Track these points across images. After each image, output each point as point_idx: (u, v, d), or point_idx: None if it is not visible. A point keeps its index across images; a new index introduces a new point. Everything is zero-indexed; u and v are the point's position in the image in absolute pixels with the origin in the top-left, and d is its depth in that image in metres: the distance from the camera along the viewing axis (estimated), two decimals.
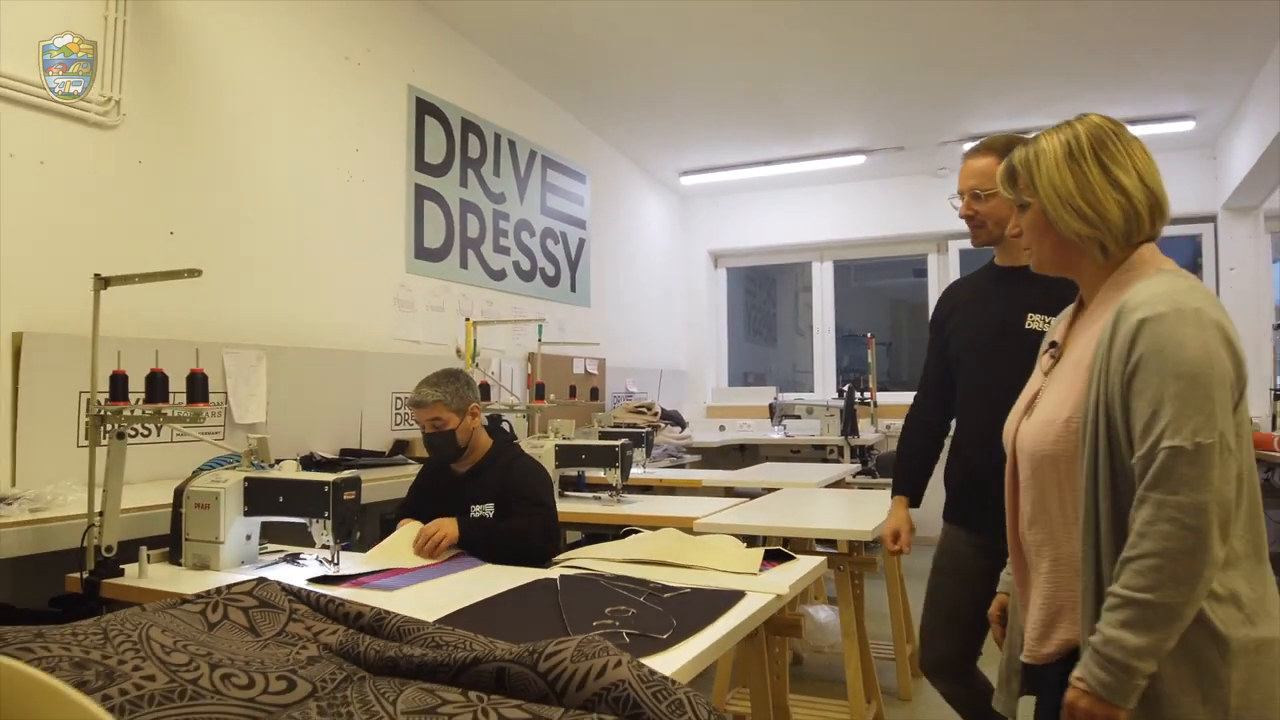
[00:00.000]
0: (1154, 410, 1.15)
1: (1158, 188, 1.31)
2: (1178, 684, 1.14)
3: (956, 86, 5.47)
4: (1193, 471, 1.11)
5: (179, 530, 2.28)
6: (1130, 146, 1.31)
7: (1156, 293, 1.21)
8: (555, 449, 3.52)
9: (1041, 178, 1.34)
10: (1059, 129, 1.36)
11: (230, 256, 3.54)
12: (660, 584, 1.91)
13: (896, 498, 2.35)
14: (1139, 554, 1.14)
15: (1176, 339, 1.16)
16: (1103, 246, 1.31)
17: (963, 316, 2.19)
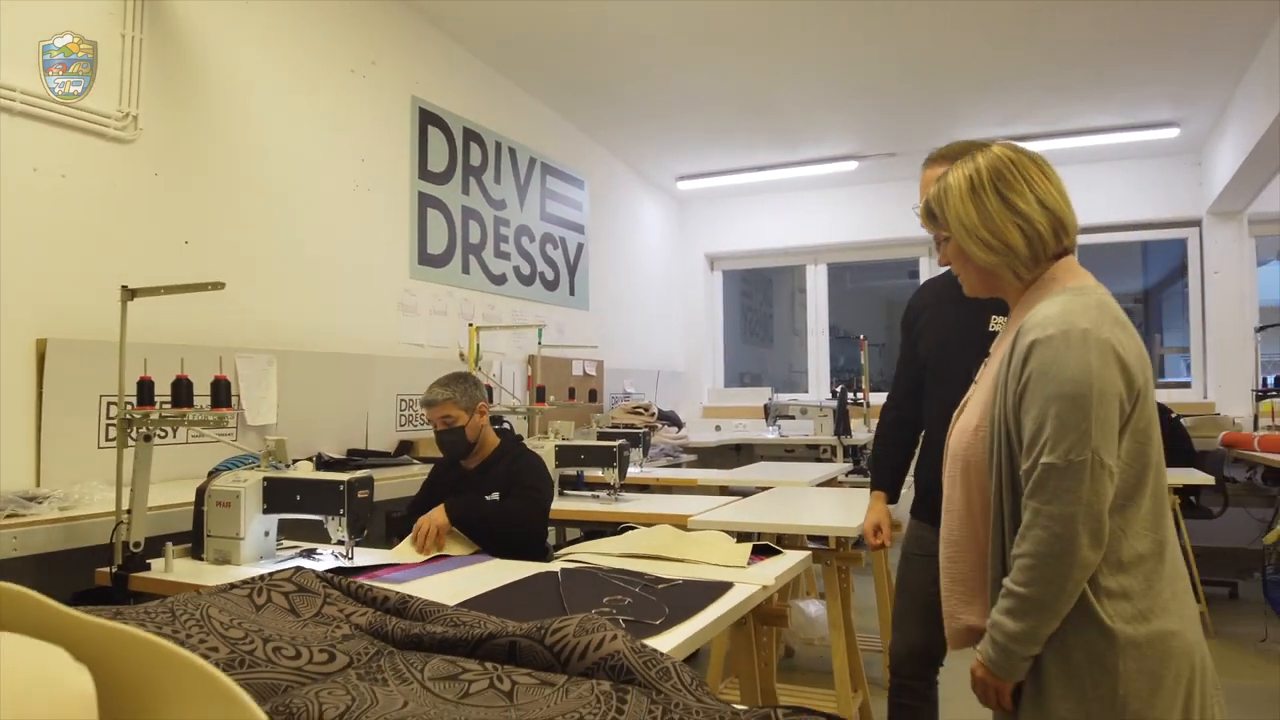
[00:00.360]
0: (1037, 427, 1.28)
1: (1058, 207, 1.40)
2: (1070, 670, 1.28)
3: (945, 95, 5.61)
4: (1064, 485, 1.24)
5: (201, 527, 2.41)
6: (1027, 172, 1.41)
7: (1050, 314, 1.32)
8: (555, 449, 3.66)
9: (950, 212, 1.45)
10: (964, 163, 1.47)
11: (242, 264, 3.67)
12: (654, 576, 2.05)
13: (875, 493, 2.43)
14: (1019, 553, 1.28)
15: (1059, 361, 1.27)
16: (1013, 270, 1.42)
17: (930, 318, 2.25)
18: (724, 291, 8.28)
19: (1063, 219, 1.41)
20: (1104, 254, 7.05)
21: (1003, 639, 1.30)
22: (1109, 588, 1.26)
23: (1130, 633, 1.25)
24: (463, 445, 2.78)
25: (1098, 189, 6.60)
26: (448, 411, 2.74)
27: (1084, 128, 5.93)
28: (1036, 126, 5.98)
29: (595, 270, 6.48)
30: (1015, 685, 1.33)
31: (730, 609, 1.82)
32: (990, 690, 1.34)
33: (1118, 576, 1.27)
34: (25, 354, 2.92)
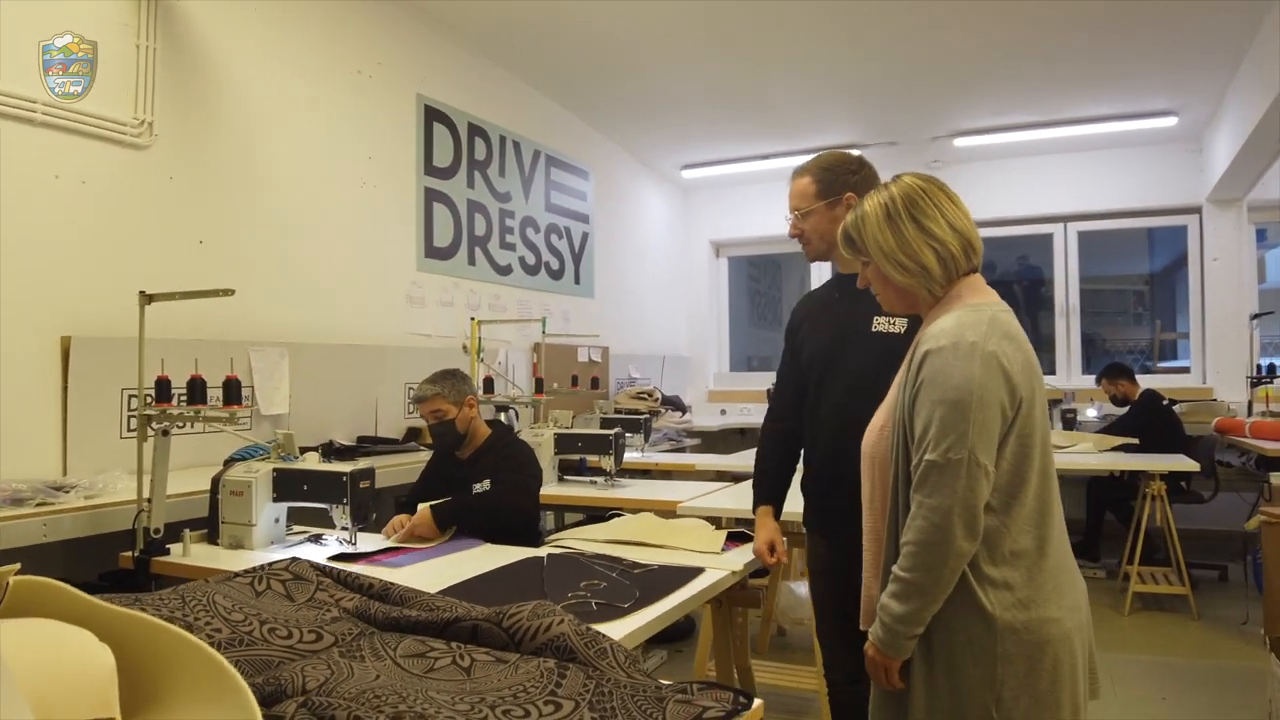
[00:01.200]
0: (924, 428, 1.42)
1: (966, 230, 1.54)
2: (954, 650, 1.42)
3: (944, 85, 5.69)
4: (943, 480, 1.38)
5: (216, 514, 2.59)
6: (937, 199, 1.54)
7: (945, 328, 1.46)
8: (554, 437, 3.82)
9: (869, 238, 1.58)
10: (878, 192, 1.60)
11: (254, 262, 3.84)
12: (633, 561, 2.21)
13: (761, 509, 2.30)
14: (905, 541, 1.43)
15: (946, 370, 1.41)
16: (927, 289, 1.56)
17: (811, 326, 2.22)
18: (731, 276, 8.40)
19: (971, 240, 1.54)
20: (1111, 239, 7.13)
21: (889, 620, 1.44)
22: (992, 577, 1.41)
23: (1009, 619, 1.39)
24: (453, 437, 2.95)
25: (1098, 177, 6.67)
26: (437, 406, 2.92)
27: (1081, 117, 5.99)
28: (1034, 115, 6.05)
29: (600, 259, 6.62)
30: (904, 664, 1.47)
31: (697, 593, 1.98)
32: (880, 668, 1.49)
33: (1000, 568, 1.41)
34: (51, 351, 3.10)
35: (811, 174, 2.18)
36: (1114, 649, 4.05)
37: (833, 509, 2.10)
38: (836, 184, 2.15)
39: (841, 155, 2.21)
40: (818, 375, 2.15)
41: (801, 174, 2.20)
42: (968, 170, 7.05)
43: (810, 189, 2.17)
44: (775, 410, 2.34)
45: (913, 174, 1.60)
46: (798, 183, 2.20)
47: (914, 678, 1.46)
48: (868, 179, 2.15)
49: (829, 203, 2.14)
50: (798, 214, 2.20)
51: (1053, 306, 7.04)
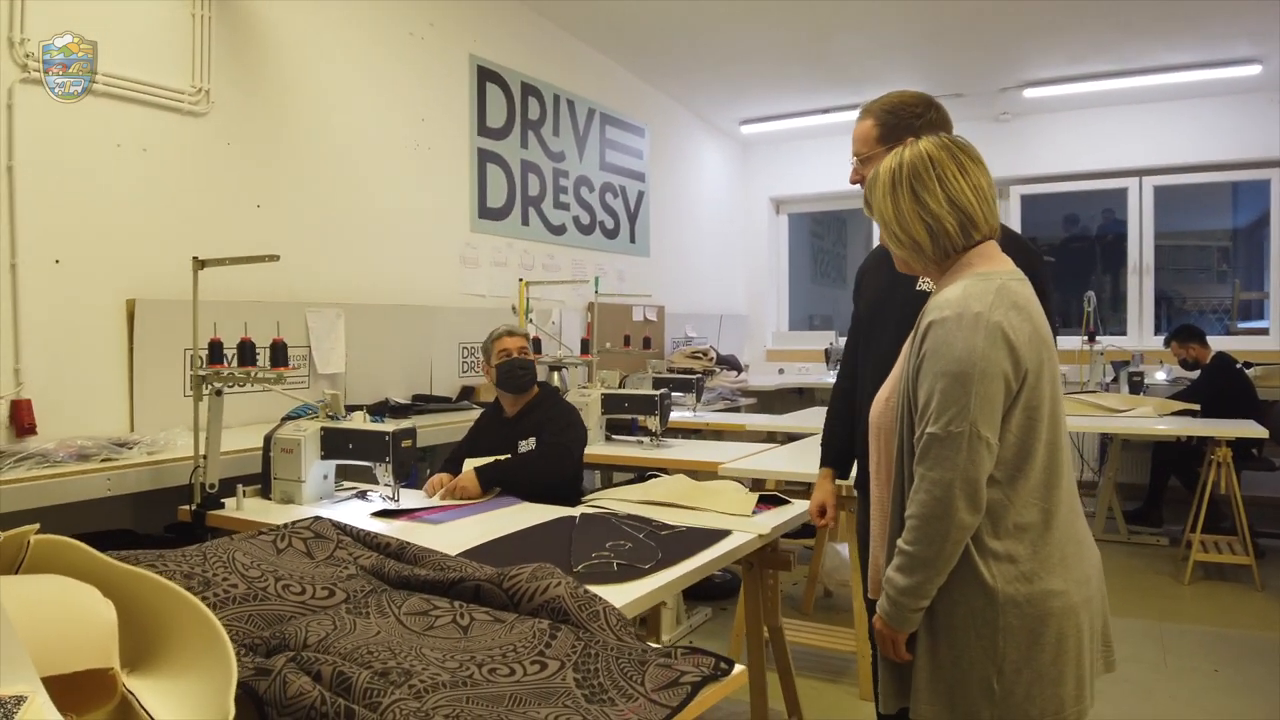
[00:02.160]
0: (926, 400, 1.41)
1: (968, 205, 1.47)
2: (956, 624, 1.41)
3: (1011, 34, 5.48)
4: (944, 453, 1.37)
5: (269, 470, 2.71)
6: (944, 170, 1.48)
7: (950, 298, 1.44)
8: (601, 397, 3.87)
9: (875, 203, 1.56)
10: (895, 154, 1.56)
11: (310, 225, 3.94)
12: (662, 523, 2.24)
13: (822, 470, 2.28)
14: (908, 514, 1.42)
15: (948, 341, 1.39)
16: (920, 263, 1.54)
17: (869, 281, 2.18)
18: (792, 233, 8.29)
19: (972, 216, 1.48)
20: (1193, 192, 6.83)
21: (894, 593, 1.44)
22: (995, 550, 1.39)
23: (1011, 592, 1.38)
24: (530, 377, 3.10)
25: (1175, 129, 6.38)
26: (525, 344, 3.11)
27: (1158, 65, 5.72)
28: (1106, 65, 5.79)
29: (656, 217, 6.61)
30: (910, 636, 1.47)
31: (720, 555, 2.01)
32: (887, 641, 1.49)
33: (1004, 541, 1.40)
34: (117, 313, 3.25)
35: (874, 116, 2.05)
36: (1170, 618, 3.96)
37: None
38: (900, 127, 2.00)
39: (908, 96, 2.06)
40: (864, 333, 2.13)
41: (865, 116, 2.08)
42: (1037, 123, 6.81)
43: (872, 132, 2.04)
44: (844, 367, 2.30)
45: (933, 139, 1.55)
46: (860, 125, 2.08)
47: (918, 649, 1.47)
48: (935, 122, 2.02)
49: (890, 146, 1.97)
50: (859, 159, 2.08)
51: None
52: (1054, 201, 7.37)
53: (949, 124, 2.07)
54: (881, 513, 1.61)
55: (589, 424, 3.81)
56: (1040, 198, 7.18)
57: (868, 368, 2.08)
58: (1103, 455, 5.61)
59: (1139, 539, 5.17)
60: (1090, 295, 5.89)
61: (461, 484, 2.71)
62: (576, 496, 2.85)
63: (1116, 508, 5.18)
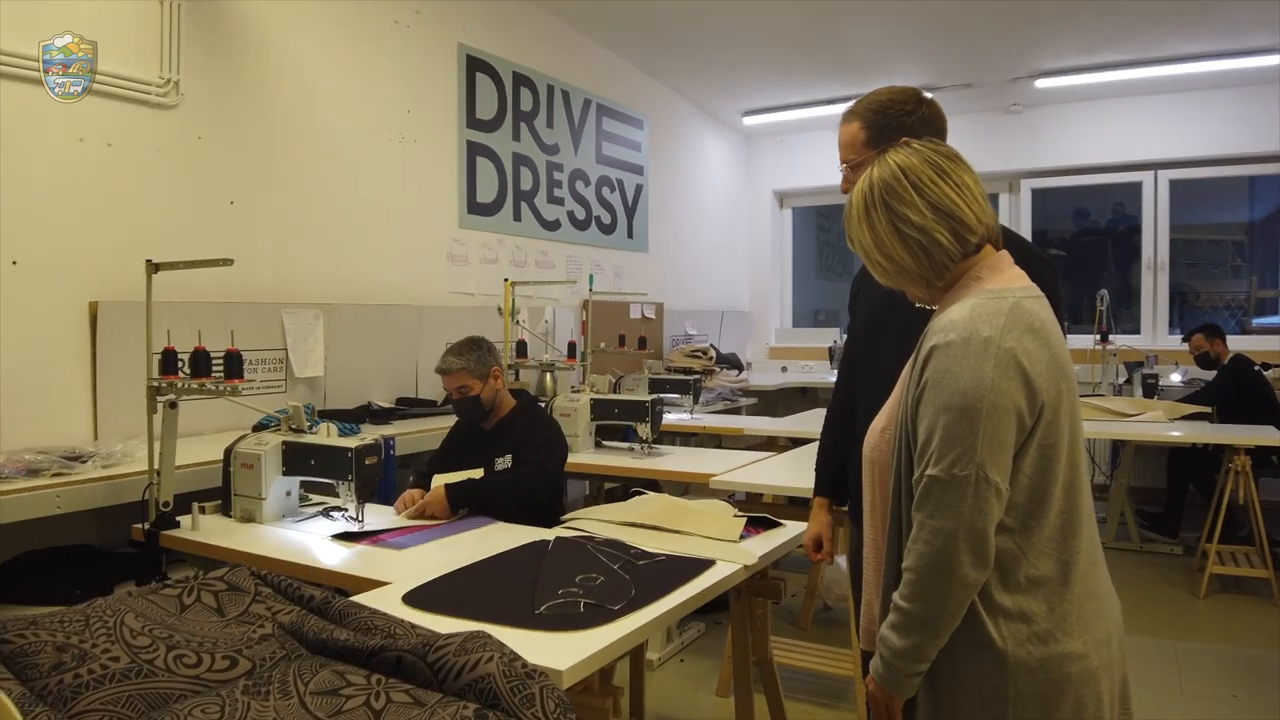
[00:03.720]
0: (927, 437, 1.22)
1: (953, 208, 1.29)
2: (961, 690, 1.24)
3: (1023, 23, 5.27)
4: (946, 499, 1.19)
5: (230, 486, 2.55)
6: (919, 178, 1.30)
7: (955, 319, 1.24)
8: (590, 403, 3.70)
9: (853, 233, 1.37)
10: (867, 173, 1.36)
11: (288, 222, 3.78)
12: (640, 550, 2.07)
13: (816, 499, 2.10)
14: (906, 566, 1.24)
15: (953, 370, 1.21)
16: (921, 282, 1.34)
17: (865, 291, 1.99)
18: (796, 226, 8.10)
19: (961, 219, 1.30)
20: (1208, 185, 6.61)
21: (889, 654, 1.27)
22: (1005, 608, 1.22)
23: (1023, 655, 1.21)
24: (477, 412, 2.85)
25: (1191, 121, 6.16)
26: (462, 381, 2.81)
27: (1173, 55, 5.50)
28: (1121, 55, 5.58)
29: (655, 211, 6.42)
30: (908, 701, 1.30)
31: (699, 592, 1.84)
32: (881, 706, 1.32)
33: (1015, 597, 1.22)
34: (80, 316, 3.10)
35: (860, 117, 1.85)
36: (1184, 635, 3.78)
37: None
38: (890, 127, 1.81)
39: (895, 93, 1.86)
40: (861, 348, 1.95)
41: (850, 118, 1.88)
42: (1049, 114, 6.60)
43: (860, 135, 1.85)
44: (839, 383, 2.11)
45: (904, 148, 1.36)
46: (846, 129, 1.88)
47: (916, 717, 1.29)
48: (927, 119, 1.83)
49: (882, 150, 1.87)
50: (848, 166, 1.88)
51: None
52: (1064, 195, 7.15)
53: (942, 119, 1.88)
54: (876, 556, 1.44)
55: (577, 430, 3.66)
56: (1051, 191, 6.97)
57: (864, 388, 1.91)
58: (1115, 458, 5.43)
59: (1151, 548, 4.98)
60: (1104, 293, 5.70)
61: (429, 504, 2.54)
62: (555, 516, 2.68)
63: (1129, 514, 5.00)
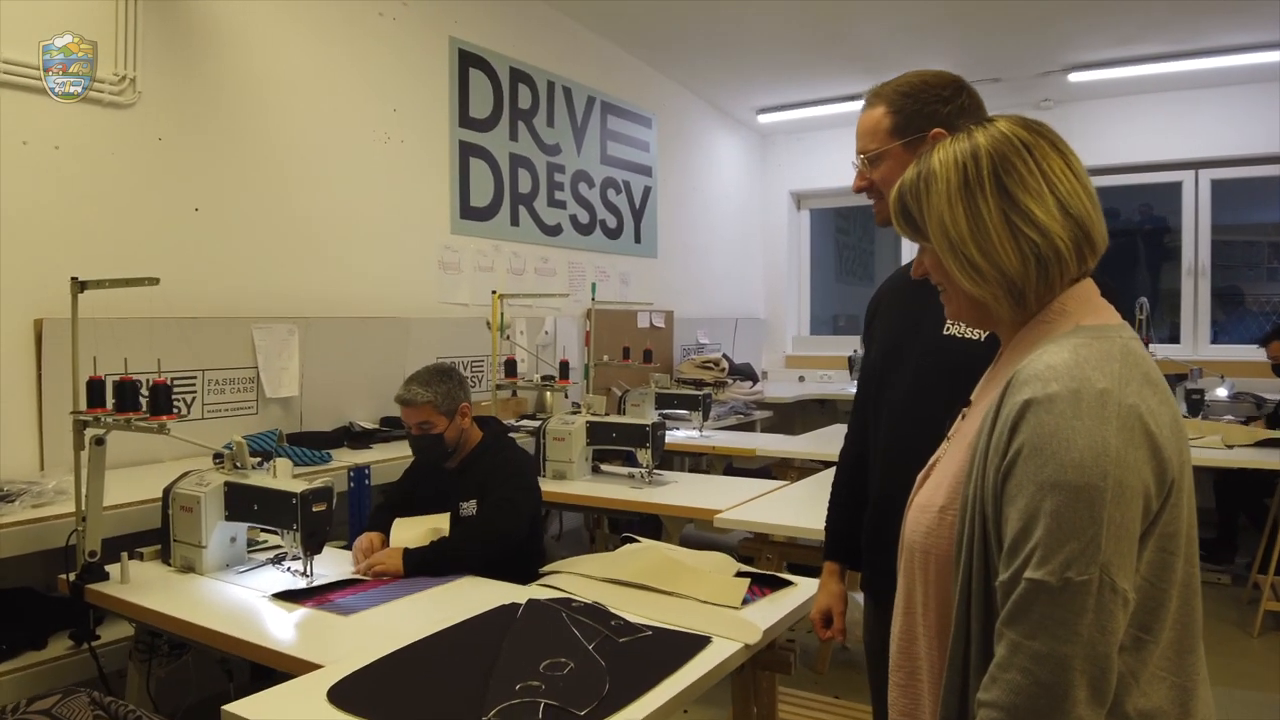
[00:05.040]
0: (1023, 525, 0.88)
1: (1085, 214, 0.99)
2: None
3: (1054, 11, 4.92)
4: (1057, 614, 0.85)
5: (169, 530, 2.26)
6: (1048, 162, 0.99)
7: (1055, 363, 0.92)
8: (586, 426, 3.40)
9: (931, 214, 1.02)
10: (959, 139, 1.03)
11: (260, 229, 3.50)
12: (624, 621, 1.77)
13: (826, 566, 1.79)
14: (988, 700, 0.89)
15: (1063, 435, 0.87)
16: (1012, 300, 1.01)
17: (881, 323, 1.70)
18: (814, 229, 7.75)
19: (1090, 231, 0.98)
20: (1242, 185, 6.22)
21: None
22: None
23: None
24: (439, 452, 2.53)
25: (1235, 117, 5.77)
26: (426, 416, 2.48)
27: (1216, 47, 5.13)
28: (1160, 46, 5.20)
29: (665, 214, 6.11)
30: None
31: (690, 685, 1.53)
32: None
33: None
34: (25, 335, 2.83)
35: (886, 101, 1.55)
36: (1240, 682, 3.42)
37: (882, 571, 1.59)
38: (922, 115, 1.51)
39: (929, 76, 1.56)
40: (876, 386, 1.63)
41: (874, 101, 1.58)
42: (1082, 110, 6.22)
43: (884, 122, 1.54)
44: (853, 429, 1.79)
45: (1013, 118, 1.03)
46: (868, 114, 1.58)
47: None
48: (967, 109, 1.54)
49: (908, 142, 1.52)
50: (865, 158, 1.58)
51: (1178, 260, 6.20)
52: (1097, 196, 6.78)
53: (984, 113, 1.56)
54: (911, 679, 1.11)
55: (572, 456, 3.36)
56: None
57: (882, 432, 1.59)
58: None
59: None
60: (1143, 301, 5.33)
61: (383, 565, 2.20)
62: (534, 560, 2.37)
63: None
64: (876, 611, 1.65)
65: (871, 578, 1.63)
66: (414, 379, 2.52)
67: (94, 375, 2.14)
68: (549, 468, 3.38)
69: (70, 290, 2.21)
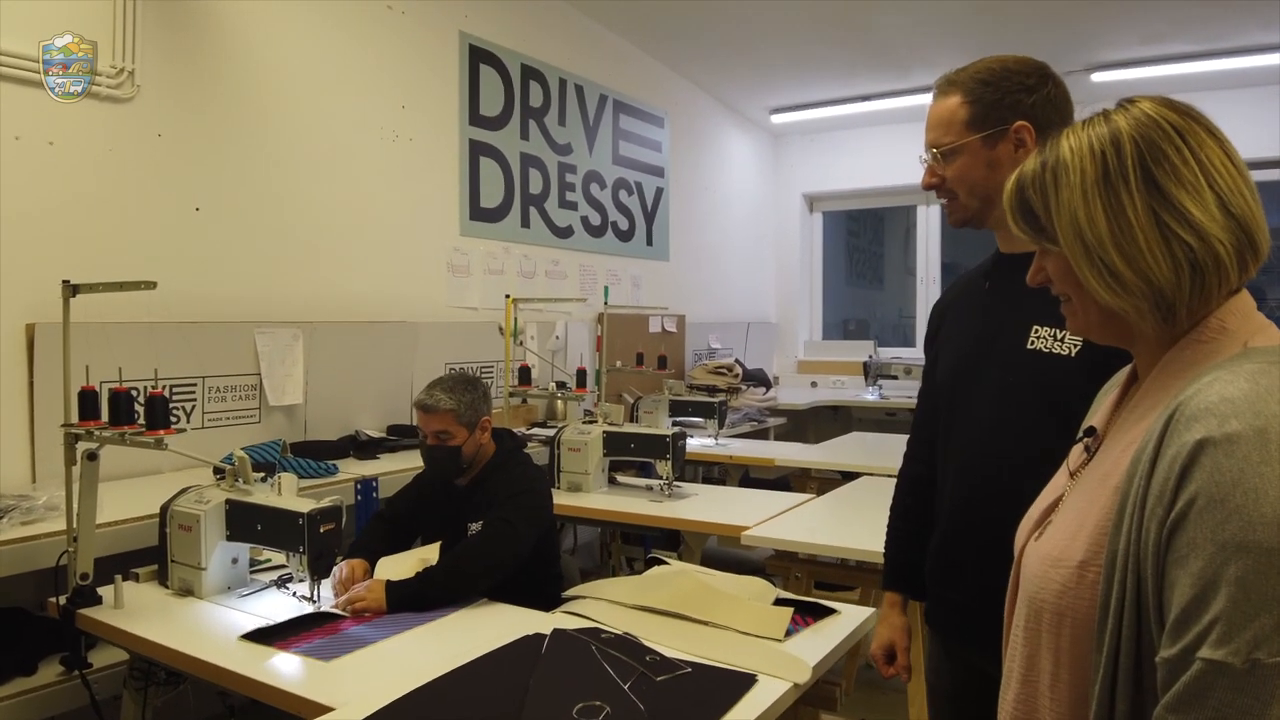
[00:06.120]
0: (1198, 593, 0.72)
1: (1248, 214, 0.83)
2: None
3: (1078, 7, 4.77)
4: (1241, 703, 0.69)
5: (167, 551, 2.12)
6: (1205, 152, 0.83)
7: (1232, 395, 0.75)
8: (603, 436, 3.25)
9: (1062, 210, 0.87)
10: (1093, 123, 0.88)
11: (263, 230, 3.36)
12: (659, 656, 1.62)
13: (888, 596, 1.67)
14: None
15: (1250, 484, 0.71)
16: (1160, 315, 0.85)
17: (951, 329, 1.55)
18: (825, 231, 7.61)
19: (1253, 233, 0.83)
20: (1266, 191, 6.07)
21: None
22: None
23: None
24: (453, 467, 2.36)
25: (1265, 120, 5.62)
26: (445, 425, 2.30)
27: (1250, 45, 4.98)
28: (1189, 45, 5.06)
29: (677, 217, 5.96)
30: None
31: None
32: None
33: None
34: (16, 341, 2.69)
35: (962, 90, 1.41)
36: None
37: (954, 605, 1.44)
38: (1003, 105, 1.38)
39: (1012, 62, 1.42)
40: (948, 401, 1.48)
41: (947, 90, 1.44)
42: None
43: (961, 112, 1.40)
44: (912, 445, 1.67)
45: (1157, 99, 0.88)
46: (941, 104, 1.44)
47: None
48: (1053, 103, 1.40)
49: (987, 136, 1.39)
50: (937, 152, 1.44)
51: None
52: None
53: (1070, 107, 1.41)
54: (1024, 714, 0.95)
55: (588, 467, 3.21)
56: None
57: (954, 451, 1.45)
58: None
59: None
60: None
61: (364, 601, 1.96)
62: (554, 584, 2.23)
63: None
64: (943, 648, 1.51)
65: (939, 612, 1.49)
66: (438, 384, 2.37)
67: (87, 385, 2.00)
68: (563, 479, 3.24)
69: (61, 294, 2.06)
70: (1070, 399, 1.11)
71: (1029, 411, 1.29)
